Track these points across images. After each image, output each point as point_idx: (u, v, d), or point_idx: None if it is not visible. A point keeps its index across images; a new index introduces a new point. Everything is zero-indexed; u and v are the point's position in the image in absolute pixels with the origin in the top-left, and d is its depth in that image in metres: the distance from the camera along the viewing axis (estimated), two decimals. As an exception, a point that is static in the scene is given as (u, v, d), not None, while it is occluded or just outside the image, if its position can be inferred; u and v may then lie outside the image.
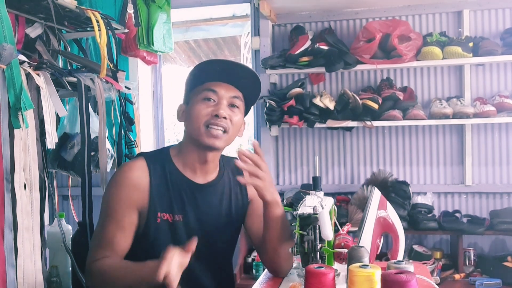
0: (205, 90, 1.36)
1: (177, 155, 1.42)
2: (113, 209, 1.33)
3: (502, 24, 2.77)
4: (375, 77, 2.91)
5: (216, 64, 1.37)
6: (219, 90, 1.36)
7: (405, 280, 1.02)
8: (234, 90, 1.39)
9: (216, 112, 1.33)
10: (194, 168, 1.41)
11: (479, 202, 2.81)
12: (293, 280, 1.41)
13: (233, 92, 1.38)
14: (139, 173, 1.36)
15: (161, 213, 1.35)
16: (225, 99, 1.36)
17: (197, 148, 1.38)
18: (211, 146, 1.35)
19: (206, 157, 1.39)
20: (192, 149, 1.39)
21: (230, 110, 1.37)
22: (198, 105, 1.36)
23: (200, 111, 1.35)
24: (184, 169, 1.41)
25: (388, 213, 1.50)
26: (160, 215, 1.35)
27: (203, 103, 1.35)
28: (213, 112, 1.34)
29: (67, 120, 2.06)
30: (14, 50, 1.31)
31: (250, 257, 2.78)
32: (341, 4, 2.85)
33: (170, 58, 4.44)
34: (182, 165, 1.41)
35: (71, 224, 2.06)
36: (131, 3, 2.16)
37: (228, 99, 1.37)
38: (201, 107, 1.35)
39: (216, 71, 1.36)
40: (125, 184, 1.34)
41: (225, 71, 1.36)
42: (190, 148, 1.40)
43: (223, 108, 1.35)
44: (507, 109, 2.57)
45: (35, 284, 1.38)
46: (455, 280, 2.50)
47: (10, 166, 1.31)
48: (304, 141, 3.03)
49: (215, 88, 1.36)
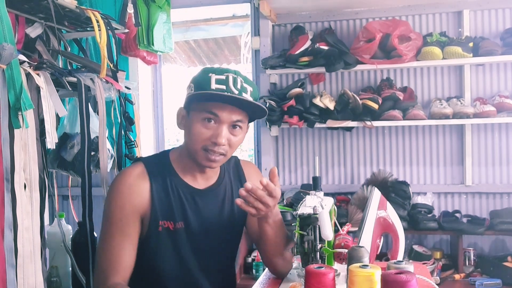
0: (207, 112, 1.28)
1: (177, 159, 1.40)
2: (118, 218, 1.31)
3: (502, 24, 2.77)
4: (375, 77, 2.91)
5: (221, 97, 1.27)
6: (221, 114, 1.28)
7: (405, 280, 1.02)
8: (238, 113, 1.30)
9: (215, 140, 1.28)
10: (194, 173, 1.39)
11: (479, 202, 2.81)
12: (293, 280, 1.41)
13: (237, 115, 1.30)
14: (139, 180, 1.33)
15: (163, 221, 1.34)
16: (227, 123, 1.29)
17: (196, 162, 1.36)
18: (207, 167, 1.35)
19: (205, 169, 1.39)
20: (191, 158, 1.36)
21: (230, 133, 1.31)
22: (198, 124, 1.29)
23: (199, 134, 1.29)
24: (184, 174, 1.39)
25: (388, 213, 1.50)
26: (162, 223, 1.33)
27: (203, 124, 1.29)
28: (212, 138, 1.28)
29: (67, 120, 2.05)
30: (14, 50, 1.30)
31: (250, 257, 2.78)
32: (341, 4, 2.85)
33: (170, 58, 4.44)
34: (182, 170, 1.39)
35: (71, 224, 2.06)
36: (131, 3, 2.16)
37: (230, 123, 1.30)
38: (201, 129, 1.29)
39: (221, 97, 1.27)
40: (127, 192, 1.31)
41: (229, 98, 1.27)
42: (189, 157, 1.37)
43: (222, 135, 1.28)
44: (507, 109, 2.57)
45: (35, 284, 1.38)
46: (455, 280, 2.50)
47: (10, 166, 1.31)
48: (304, 141, 3.03)
49: (217, 112, 1.27)
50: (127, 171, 1.37)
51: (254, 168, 1.58)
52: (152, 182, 1.34)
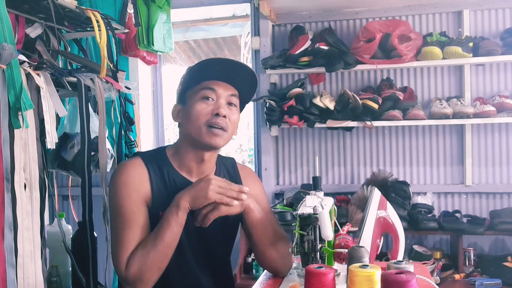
0: (204, 89, 1.35)
1: (174, 155, 1.42)
2: (127, 209, 1.31)
3: (502, 24, 2.77)
4: (375, 77, 2.91)
5: (214, 63, 1.36)
6: (218, 89, 1.35)
7: (405, 280, 1.02)
8: (231, 89, 1.38)
9: (217, 111, 1.33)
10: (190, 168, 1.41)
11: (479, 202, 2.81)
12: (293, 280, 1.41)
13: (231, 90, 1.38)
14: (140, 171, 1.36)
15: (162, 212, 1.35)
16: (223, 98, 1.36)
17: (195, 147, 1.38)
18: (212, 145, 1.35)
19: (203, 157, 1.39)
20: (189, 149, 1.39)
21: (228, 109, 1.37)
22: (197, 104, 1.35)
23: (200, 111, 1.34)
24: (180, 169, 1.41)
25: (388, 213, 1.50)
26: (162, 214, 1.34)
27: (203, 102, 1.35)
28: (213, 111, 1.33)
29: (67, 120, 2.05)
30: (14, 50, 1.30)
31: (250, 257, 2.78)
32: (341, 4, 2.85)
33: (170, 58, 4.44)
34: (178, 165, 1.41)
35: (71, 224, 2.06)
36: (131, 3, 2.16)
37: (226, 98, 1.37)
38: (201, 106, 1.34)
39: (214, 69, 1.35)
40: (130, 181, 1.33)
41: (222, 70, 1.36)
42: (187, 148, 1.39)
43: (222, 106, 1.34)
44: (507, 109, 2.57)
45: (35, 284, 1.38)
46: (455, 280, 2.49)
47: (10, 166, 1.31)
48: (304, 141, 3.03)
49: (213, 87, 1.35)
50: (126, 163, 1.39)
51: (250, 171, 1.59)
52: (150, 173, 1.36)
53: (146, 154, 1.43)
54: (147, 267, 1.26)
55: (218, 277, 1.46)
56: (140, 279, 1.27)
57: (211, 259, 1.43)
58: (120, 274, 1.30)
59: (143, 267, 1.26)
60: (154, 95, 3.33)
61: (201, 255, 1.40)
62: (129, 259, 1.28)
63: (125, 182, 1.34)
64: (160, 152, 1.44)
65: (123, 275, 1.29)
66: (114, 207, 1.34)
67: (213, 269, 1.45)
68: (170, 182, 1.38)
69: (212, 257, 1.44)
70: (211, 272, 1.44)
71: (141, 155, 1.42)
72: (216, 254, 1.45)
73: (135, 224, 1.31)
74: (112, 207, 1.35)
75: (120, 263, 1.29)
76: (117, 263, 1.30)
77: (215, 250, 1.45)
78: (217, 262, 1.46)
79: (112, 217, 1.35)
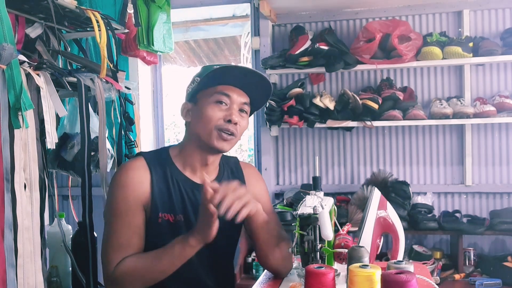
0: (218, 93, 1.36)
1: (177, 155, 1.43)
2: (122, 210, 1.32)
3: (502, 24, 2.77)
4: (375, 77, 2.91)
5: (232, 69, 1.36)
6: (232, 95, 1.36)
7: (405, 280, 1.02)
8: (245, 96, 1.39)
9: (229, 118, 1.34)
10: (194, 168, 1.41)
11: (479, 202, 2.81)
12: (293, 280, 1.41)
13: (244, 98, 1.39)
14: (141, 172, 1.36)
15: (163, 213, 1.35)
16: (236, 104, 1.37)
17: (201, 149, 1.39)
18: (219, 149, 1.36)
19: (207, 160, 1.40)
20: (194, 150, 1.40)
21: (239, 116, 1.38)
22: (210, 107, 1.35)
23: (213, 114, 1.34)
24: (184, 169, 1.41)
25: (388, 213, 1.50)
26: (162, 215, 1.35)
27: (216, 105, 1.35)
28: (226, 117, 1.34)
29: (67, 120, 2.05)
30: (14, 50, 1.30)
31: (250, 257, 2.78)
32: (341, 4, 2.85)
33: (170, 58, 4.44)
34: (182, 164, 1.41)
35: (71, 224, 2.06)
36: (131, 3, 2.16)
37: (239, 105, 1.38)
38: (214, 110, 1.35)
39: (231, 75, 1.36)
40: (129, 183, 1.34)
41: (240, 77, 1.36)
42: (193, 148, 1.40)
43: (235, 113, 1.35)
44: (507, 109, 2.57)
45: (35, 284, 1.38)
46: (455, 280, 2.49)
47: (10, 166, 1.31)
48: (304, 141, 3.03)
49: (228, 93, 1.36)
50: (128, 164, 1.40)
51: (254, 170, 1.59)
52: (152, 174, 1.37)
53: (149, 154, 1.43)
54: (133, 278, 1.28)
55: (220, 277, 1.47)
56: (123, 284, 1.29)
57: (214, 259, 1.43)
58: (106, 272, 1.32)
59: (129, 277, 1.28)
60: (154, 95, 3.33)
61: (204, 255, 1.40)
62: (120, 262, 1.29)
63: (124, 184, 1.34)
64: (163, 152, 1.44)
65: (108, 274, 1.31)
66: (110, 207, 1.35)
67: (216, 269, 1.45)
68: (173, 183, 1.38)
69: (215, 257, 1.43)
70: (213, 272, 1.44)
71: (144, 155, 1.42)
72: (220, 254, 1.45)
73: (129, 226, 1.32)
74: (109, 207, 1.36)
75: (108, 263, 1.31)
76: (105, 262, 1.32)
77: (219, 251, 1.44)
78: (220, 262, 1.46)
79: (108, 216, 1.36)
